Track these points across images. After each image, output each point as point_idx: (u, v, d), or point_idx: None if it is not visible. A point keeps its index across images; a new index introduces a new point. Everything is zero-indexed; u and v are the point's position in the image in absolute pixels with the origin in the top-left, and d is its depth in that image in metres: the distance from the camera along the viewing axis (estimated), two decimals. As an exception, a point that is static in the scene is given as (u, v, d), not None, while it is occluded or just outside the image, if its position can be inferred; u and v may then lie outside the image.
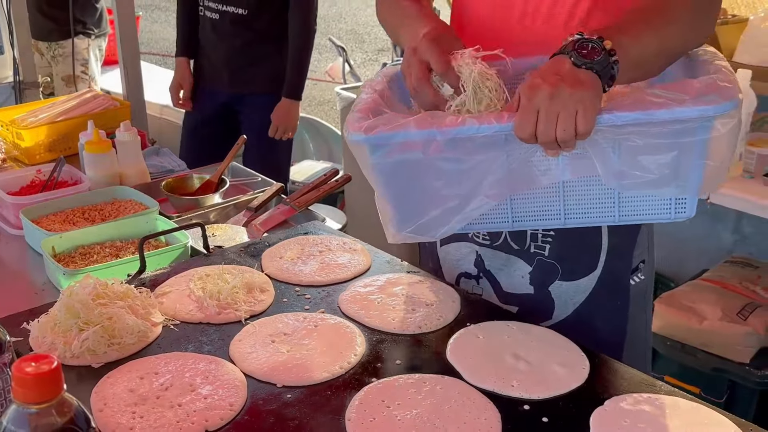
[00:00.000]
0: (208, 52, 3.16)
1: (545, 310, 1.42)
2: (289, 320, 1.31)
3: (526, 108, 1.04)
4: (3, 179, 2.05)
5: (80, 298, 1.24)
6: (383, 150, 1.14)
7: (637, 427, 1.04)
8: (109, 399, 1.10)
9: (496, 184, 1.13)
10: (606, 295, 1.40)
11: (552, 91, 1.02)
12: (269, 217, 1.94)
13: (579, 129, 1.03)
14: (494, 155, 1.12)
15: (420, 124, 1.10)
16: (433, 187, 1.16)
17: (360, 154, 1.17)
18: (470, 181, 1.14)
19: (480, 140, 1.09)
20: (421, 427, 1.04)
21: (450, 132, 1.08)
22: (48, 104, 2.58)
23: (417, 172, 1.16)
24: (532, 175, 1.14)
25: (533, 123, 1.03)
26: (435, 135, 1.08)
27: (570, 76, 1.03)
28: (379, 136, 1.11)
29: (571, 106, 1.02)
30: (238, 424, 1.06)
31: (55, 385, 0.68)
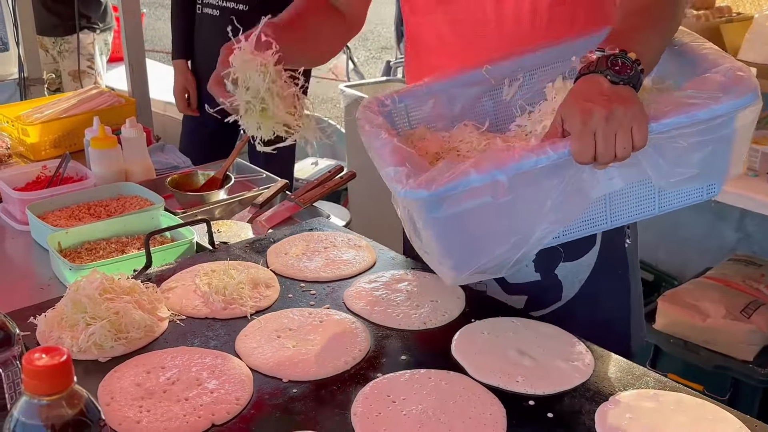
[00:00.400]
0: (206, 52, 3.08)
1: (554, 293, 1.44)
2: (295, 316, 1.32)
3: (583, 132, 1.04)
4: (9, 175, 2.05)
5: (87, 292, 1.25)
6: (444, 202, 1.09)
7: (641, 423, 1.05)
8: (116, 393, 1.11)
9: (556, 210, 1.12)
10: (608, 265, 1.44)
11: (607, 113, 1.03)
12: (274, 214, 1.94)
13: (636, 144, 1.05)
14: (549, 183, 1.11)
15: (479, 167, 1.06)
16: (496, 226, 1.14)
17: (418, 210, 1.12)
18: (531, 213, 1.12)
19: (536, 172, 1.08)
20: (426, 422, 1.05)
21: (511, 169, 1.06)
22: (53, 100, 2.58)
23: (476, 216, 1.12)
24: (585, 193, 1.13)
25: (593, 146, 1.04)
26: (497, 176, 1.06)
27: (615, 95, 1.05)
28: (443, 189, 1.06)
29: (626, 123, 1.03)
30: (244, 418, 1.07)
31: (65, 377, 0.69)
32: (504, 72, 1.38)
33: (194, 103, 3.14)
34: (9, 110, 2.52)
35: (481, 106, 1.40)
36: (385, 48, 9.12)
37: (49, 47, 4.10)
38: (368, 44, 9.62)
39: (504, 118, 1.41)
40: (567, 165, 1.08)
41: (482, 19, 1.39)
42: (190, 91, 3.14)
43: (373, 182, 4.26)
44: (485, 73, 1.36)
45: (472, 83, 1.38)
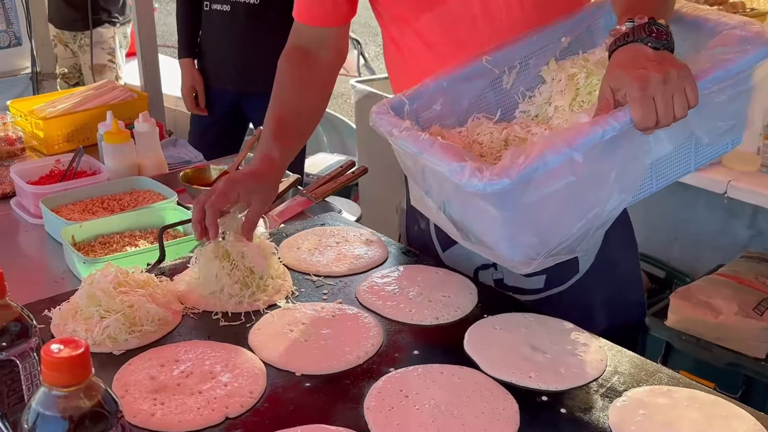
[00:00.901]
0: (214, 50, 3.07)
1: (572, 266, 1.46)
2: (307, 310, 1.32)
3: (644, 98, 1.05)
4: (22, 169, 2.07)
5: (102, 286, 1.26)
6: (529, 187, 1.09)
7: (655, 420, 1.04)
8: (130, 385, 1.11)
9: (620, 180, 1.15)
10: (615, 229, 1.42)
11: (663, 77, 1.05)
12: (286, 208, 1.94)
13: (690, 102, 1.07)
14: (613, 154, 1.12)
15: (552, 147, 1.07)
16: (570, 204, 1.15)
17: (498, 201, 1.11)
18: (600, 186, 1.15)
19: (602, 145, 1.09)
20: (439, 417, 1.05)
21: (582, 145, 1.07)
22: (66, 95, 2.60)
23: (552, 197, 1.13)
24: (641, 159, 1.16)
25: (654, 110, 1.05)
26: (572, 154, 1.07)
27: (663, 59, 1.07)
28: (524, 174, 1.06)
29: (680, 84, 1.06)
30: (258, 412, 1.07)
31: (83, 369, 0.69)
32: (500, 62, 1.39)
33: (202, 102, 3.14)
34: (22, 104, 2.53)
35: (485, 98, 1.41)
36: (395, 43, 9.10)
37: (69, 42, 4.12)
38: (378, 39, 9.60)
39: (508, 107, 1.42)
40: (625, 134, 1.09)
41: (470, 16, 1.40)
42: (197, 90, 3.12)
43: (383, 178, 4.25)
44: (486, 63, 1.37)
45: (474, 76, 1.38)
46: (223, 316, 1.31)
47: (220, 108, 3.15)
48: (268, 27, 2.97)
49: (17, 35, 3.45)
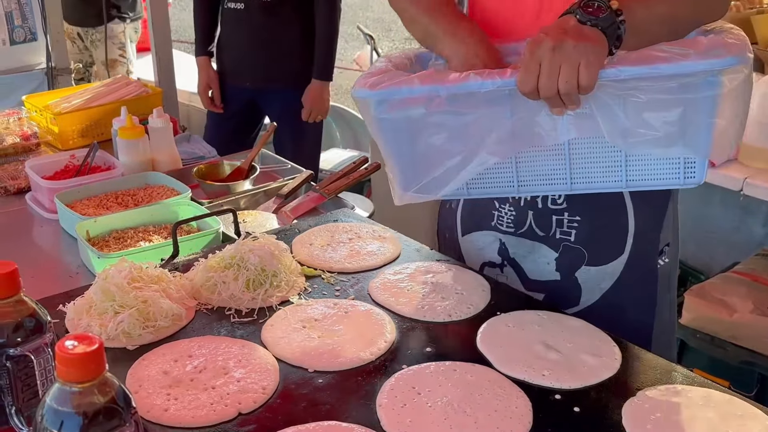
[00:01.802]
0: (231, 47, 3.10)
1: (572, 296, 1.42)
2: (320, 306, 1.32)
3: (529, 61, 1.03)
4: (37, 164, 2.08)
5: (116, 281, 1.26)
6: (386, 105, 1.15)
7: (670, 419, 1.04)
8: (144, 381, 1.12)
9: (499, 141, 1.14)
10: (634, 279, 1.39)
11: (554, 44, 1.02)
12: (299, 204, 1.95)
13: (581, 81, 1.02)
14: (498, 111, 1.12)
15: (424, 80, 1.11)
16: (436, 144, 1.17)
17: (365, 111, 1.19)
18: (473, 138, 1.15)
19: (483, 96, 1.09)
20: (451, 415, 1.05)
21: (453, 88, 1.08)
22: (81, 90, 2.61)
23: (420, 130, 1.17)
24: (536, 134, 1.14)
25: (536, 76, 1.03)
26: (438, 90, 1.09)
27: (574, 31, 1.03)
28: (382, 92, 1.13)
29: (574, 57, 1.02)
30: (270, 408, 1.07)
31: (98, 365, 0.70)
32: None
33: (218, 100, 3.16)
34: (37, 99, 2.55)
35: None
36: (408, 38, 9.09)
37: (77, 39, 4.14)
38: (392, 35, 9.59)
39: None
40: (520, 99, 1.08)
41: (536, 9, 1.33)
42: (213, 88, 3.15)
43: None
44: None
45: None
46: (237, 312, 1.31)
47: (237, 104, 3.17)
48: (282, 23, 2.99)
49: (32, 30, 3.47)
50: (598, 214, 1.36)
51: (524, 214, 1.42)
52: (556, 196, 1.37)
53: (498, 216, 1.45)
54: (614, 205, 1.37)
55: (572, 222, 1.38)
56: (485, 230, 1.48)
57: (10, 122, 2.42)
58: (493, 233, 1.47)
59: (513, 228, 1.44)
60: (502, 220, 1.44)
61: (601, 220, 1.37)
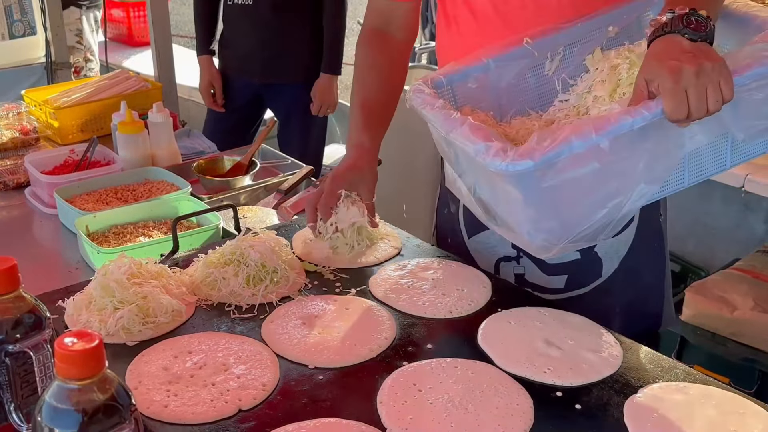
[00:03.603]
0: (236, 43, 3.07)
1: (594, 270, 1.45)
2: (320, 303, 1.32)
3: (675, 90, 1.04)
4: (37, 159, 2.07)
5: (115, 277, 1.25)
6: (548, 172, 1.09)
7: (671, 416, 1.03)
8: (143, 377, 1.11)
9: (648, 170, 1.14)
10: (646, 239, 1.46)
11: (697, 69, 1.03)
12: (299, 200, 1.93)
13: (725, 97, 1.05)
14: (642, 145, 1.11)
15: (579, 133, 1.07)
16: (592, 191, 1.14)
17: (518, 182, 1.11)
18: (626, 176, 1.14)
19: (630, 134, 1.08)
20: (452, 412, 1.04)
21: (610, 133, 1.06)
22: (80, 84, 2.60)
23: (575, 183, 1.12)
24: (672, 152, 1.15)
25: (686, 103, 1.04)
26: (598, 141, 1.07)
27: (699, 51, 1.06)
28: (547, 157, 1.06)
29: (714, 77, 1.04)
30: (271, 404, 1.07)
31: (97, 362, 0.69)
32: (545, 46, 1.36)
33: (219, 98, 3.15)
34: (37, 94, 2.54)
35: (524, 81, 1.39)
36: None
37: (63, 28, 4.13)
38: (392, 30, 9.55)
39: (547, 94, 1.39)
40: (656, 125, 1.08)
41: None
42: (215, 87, 3.13)
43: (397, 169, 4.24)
44: (528, 46, 1.35)
45: (517, 58, 1.37)
46: (237, 308, 1.31)
47: (241, 99, 3.17)
48: (291, 18, 2.99)
49: (32, 25, 3.46)
50: None
51: None
52: None
53: None
54: None
55: None
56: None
57: (10, 117, 2.41)
58: None
59: None
60: None
61: None
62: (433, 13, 5.07)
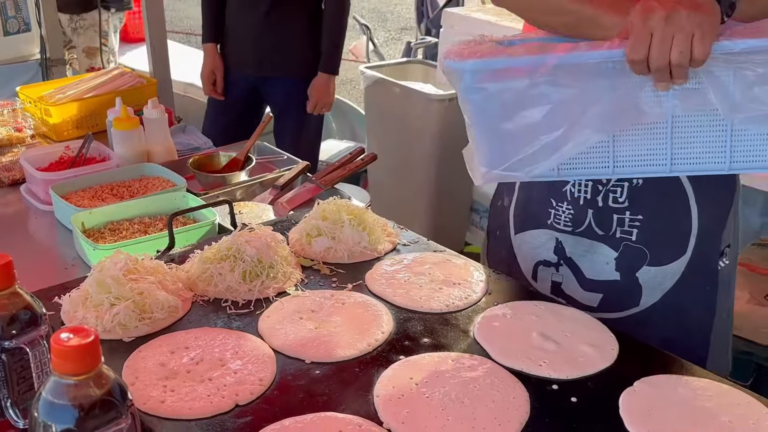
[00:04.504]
0: (236, 35, 3.09)
1: (632, 297, 1.37)
2: (316, 297, 1.32)
3: (640, 30, 0.98)
4: (32, 155, 2.07)
5: (112, 273, 1.25)
6: (481, 75, 1.06)
7: (667, 409, 1.04)
8: (140, 372, 1.11)
9: (601, 118, 1.06)
10: (695, 280, 1.35)
11: (668, 13, 0.97)
12: (295, 195, 1.94)
13: (695, 53, 0.98)
14: (601, 85, 1.04)
15: (529, 50, 1.04)
16: (533, 119, 1.09)
17: (456, 83, 1.10)
18: (572, 114, 1.07)
19: (588, 68, 1.02)
20: (449, 405, 1.05)
21: (559, 57, 1.01)
22: (75, 81, 2.60)
23: (517, 103, 1.08)
24: (639, 109, 1.06)
25: (647, 45, 0.98)
26: (543, 60, 1.02)
27: (691, 1, 0.99)
28: (479, 61, 1.05)
29: (688, 28, 0.97)
30: (268, 399, 1.07)
31: (93, 358, 0.69)
32: None
33: (220, 87, 3.16)
34: (32, 90, 2.53)
35: None
36: (404, 29, 9.06)
37: (65, 24, 4.12)
38: (388, 25, 9.56)
39: None
40: (623, 72, 1.02)
41: None
42: (217, 75, 3.14)
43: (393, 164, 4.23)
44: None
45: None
46: (233, 303, 1.31)
47: (238, 91, 3.18)
48: (290, 13, 3.00)
49: (26, 21, 3.44)
50: (661, 213, 1.32)
51: (583, 212, 1.37)
52: (617, 195, 1.33)
53: (555, 214, 1.40)
54: (678, 204, 1.32)
55: (634, 221, 1.34)
56: (541, 228, 1.43)
57: (5, 113, 2.41)
58: (549, 232, 1.42)
59: (571, 227, 1.39)
60: (559, 218, 1.39)
61: (664, 219, 1.32)
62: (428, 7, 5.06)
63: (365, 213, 1.52)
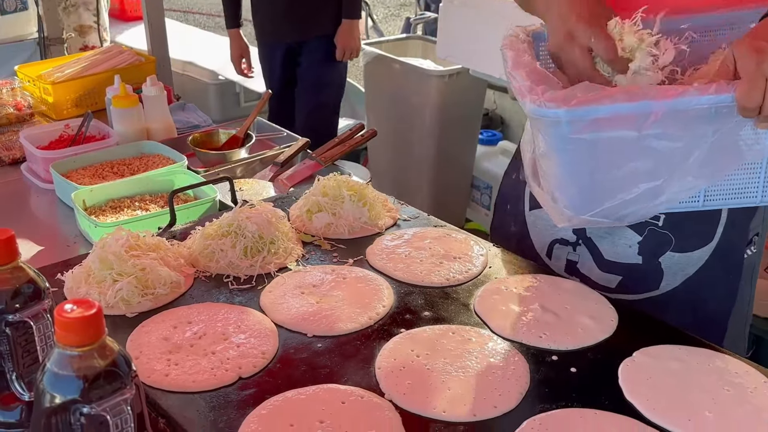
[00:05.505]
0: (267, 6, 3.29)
1: (652, 280, 1.35)
2: (318, 273, 1.33)
3: (754, 75, 0.92)
4: (32, 134, 2.07)
5: (113, 249, 1.26)
6: (581, 125, 0.97)
7: (665, 378, 1.05)
8: (144, 347, 1.12)
9: (702, 163, 1.00)
10: (719, 268, 1.32)
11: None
12: (295, 172, 1.94)
13: None
14: (703, 129, 0.98)
15: (632, 96, 0.95)
16: (631, 167, 1.02)
17: (548, 128, 1.01)
18: (674, 160, 1.01)
19: (693, 113, 0.96)
20: (450, 377, 1.05)
21: (667, 104, 0.94)
22: (73, 59, 2.59)
23: (615, 151, 1.01)
24: (738, 150, 1.01)
25: (762, 91, 0.92)
26: (650, 107, 0.95)
27: None
28: (582, 110, 0.95)
29: None
30: (270, 372, 1.08)
31: (97, 329, 0.70)
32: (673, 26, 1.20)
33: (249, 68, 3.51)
34: (30, 69, 2.53)
35: None
36: (404, 5, 9.00)
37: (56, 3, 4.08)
38: (387, 1, 9.49)
39: None
40: (727, 114, 0.97)
41: None
42: (245, 57, 3.46)
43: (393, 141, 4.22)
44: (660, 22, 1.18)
45: None
46: (235, 279, 1.32)
47: (276, 61, 3.40)
48: None
49: (23, 0, 3.43)
50: None
51: None
52: None
53: None
54: None
55: None
56: None
57: (4, 92, 2.40)
58: None
59: None
60: None
61: None
62: (428, -17, 5.02)
63: (365, 188, 1.52)
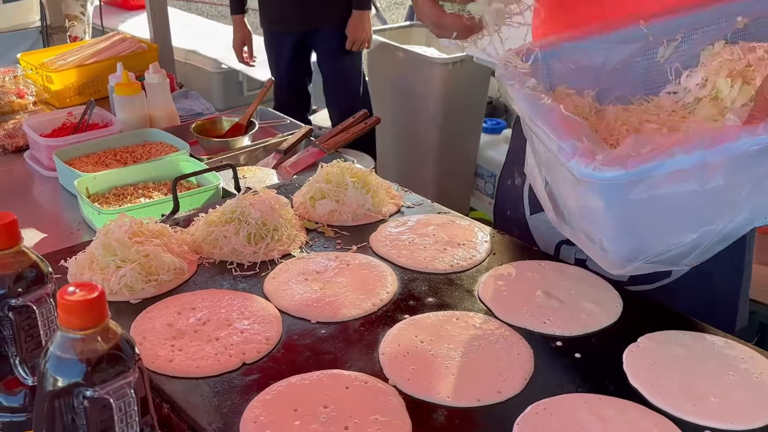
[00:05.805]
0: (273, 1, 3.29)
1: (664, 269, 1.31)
2: (321, 259, 1.32)
3: None
4: (35, 122, 2.07)
5: (117, 236, 1.26)
6: (639, 185, 0.94)
7: (669, 364, 1.04)
8: (148, 333, 1.12)
9: (756, 198, 0.99)
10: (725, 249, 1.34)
11: None
12: (299, 160, 1.94)
13: None
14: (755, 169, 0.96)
15: (686, 146, 0.91)
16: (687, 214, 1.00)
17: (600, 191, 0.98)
18: (727, 201, 0.99)
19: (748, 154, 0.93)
20: (454, 362, 1.05)
21: (724, 150, 0.91)
22: (76, 47, 2.58)
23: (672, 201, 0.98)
24: None
25: None
26: (707, 157, 0.92)
27: None
28: (642, 170, 0.92)
29: None
30: (274, 358, 1.08)
31: (100, 311, 0.69)
32: (661, 30, 1.20)
33: (250, 56, 3.47)
34: (33, 57, 2.52)
35: (633, 66, 1.24)
36: (406, -7, 8.96)
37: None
38: (390, -10, 9.44)
39: (656, 82, 1.25)
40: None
41: None
42: (247, 45, 3.44)
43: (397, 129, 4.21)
44: (644, 28, 1.19)
45: (628, 40, 1.21)
46: (239, 265, 1.31)
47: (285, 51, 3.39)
48: None
49: (26, -12, 3.43)
50: None
51: None
52: None
53: None
54: None
55: None
56: None
57: (6, 80, 2.40)
58: None
59: None
60: None
61: None
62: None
63: (369, 175, 1.52)
